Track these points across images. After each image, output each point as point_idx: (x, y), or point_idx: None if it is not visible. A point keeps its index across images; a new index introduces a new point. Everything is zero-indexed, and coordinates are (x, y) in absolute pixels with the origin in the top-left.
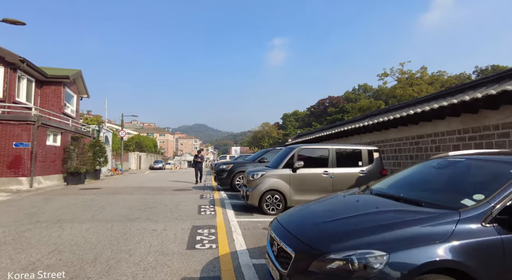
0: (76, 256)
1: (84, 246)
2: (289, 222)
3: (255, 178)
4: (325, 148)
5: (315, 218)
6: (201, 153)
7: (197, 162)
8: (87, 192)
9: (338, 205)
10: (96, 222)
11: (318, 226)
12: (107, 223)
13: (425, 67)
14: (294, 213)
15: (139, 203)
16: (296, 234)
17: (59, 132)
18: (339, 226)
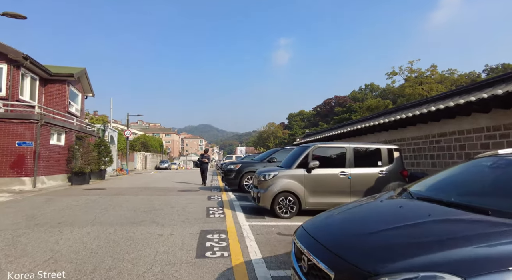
0: (74, 265)
1: (83, 253)
2: (320, 231)
3: (266, 179)
4: (342, 147)
5: (354, 227)
6: (207, 153)
7: (203, 162)
8: (91, 193)
9: (378, 212)
10: (98, 226)
11: (362, 239)
12: (110, 227)
13: (435, 65)
14: (324, 219)
15: (144, 204)
16: (333, 248)
17: (63, 131)
18: (389, 239)
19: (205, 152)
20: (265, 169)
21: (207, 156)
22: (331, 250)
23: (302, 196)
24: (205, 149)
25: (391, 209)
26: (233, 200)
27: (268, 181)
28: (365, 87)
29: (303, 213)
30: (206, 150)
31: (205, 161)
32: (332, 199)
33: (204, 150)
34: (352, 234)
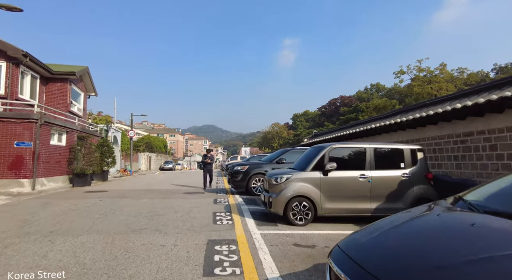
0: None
1: (74, 270)
2: (367, 256)
3: (279, 182)
4: (362, 147)
5: (418, 254)
6: (210, 153)
7: (207, 163)
8: (91, 196)
9: (444, 231)
10: (95, 234)
11: (439, 276)
12: (108, 236)
13: (444, 64)
14: (368, 239)
15: (146, 209)
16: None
17: (65, 131)
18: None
19: (207, 152)
20: (277, 172)
21: (210, 156)
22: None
23: (318, 201)
24: (207, 149)
25: (461, 228)
26: (241, 204)
27: (281, 185)
28: (371, 87)
29: (319, 220)
30: (209, 150)
31: (208, 161)
32: (350, 204)
33: (207, 150)
34: (419, 265)
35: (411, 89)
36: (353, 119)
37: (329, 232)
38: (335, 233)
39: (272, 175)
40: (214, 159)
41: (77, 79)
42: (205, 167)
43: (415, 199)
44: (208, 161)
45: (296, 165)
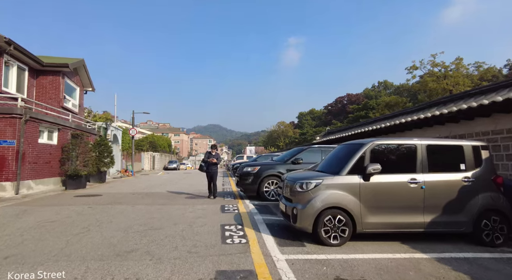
0: None
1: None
2: None
3: (305, 190)
4: (411, 144)
5: None
6: (215, 151)
7: (211, 163)
8: (80, 201)
9: None
10: (63, 262)
11: None
12: (80, 265)
13: (461, 58)
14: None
15: (140, 219)
16: None
17: (56, 129)
18: None
19: (212, 149)
20: (302, 175)
21: (215, 154)
22: None
23: (357, 214)
24: (212, 145)
25: None
26: (254, 212)
27: (308, 193)
28: (379, 84)
29: (357, 237)
30: (213, 146)
31: (213, 161)
32: (399, 217)
33: (211, 146)
34: None
35: (425, 84)
36: (363, 117)
37: (376, 256)
38: (385, 258)
39: (295, 180)
40: (220, 158)
41: (71, 72)
42: (208, 170)
43: (480, 210)
44: (213, 161)
45: (324, 167)
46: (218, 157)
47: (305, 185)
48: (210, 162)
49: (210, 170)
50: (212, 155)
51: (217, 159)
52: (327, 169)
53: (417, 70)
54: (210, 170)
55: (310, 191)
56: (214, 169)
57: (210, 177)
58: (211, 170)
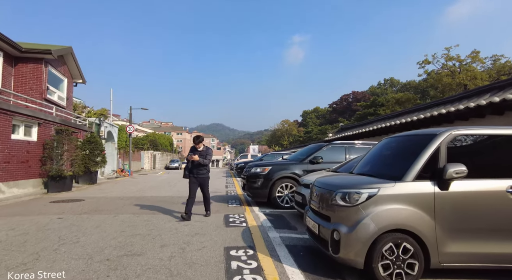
0: None
1: None
2: None
3: (353, 203)
4: (506, 135)
5: None
6: (202, 145)
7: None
8: (54, 209)
9: None
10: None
11: None
12: None
13: (477, 51)
14: None
15: (118, 238)
16: None
17: (36, 123)
18: None
19: (197, 142)
20: (343, 181)
21: (203, 150)
22: None
23: (432, 241)
24: (195, 136)
25: None
26: (267, 226)
27: (358, 209)
28: (385, 81)
29: (430, 273)
30: (197, 138)
31: (194, 158)
32: (495, 246)
33: (195, 138)
34: None
35: (439, 79)
36: (371, 114)
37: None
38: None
39: (333, 188)
40: (210, 156)
41: (57, 61)
42: (194, 174)
43: None
44: (194, 158)
45: (369, 168)
46: (207, 154)
47: (351, 196)
48: (195, 162)
49: (197, 175)
50: (197, 151)
51: (205, 157)
52: (375, 171)
53: (430, 64)
54: (196, 174)
55: (359, 206)
56: (203, 174)
57: (197, 186)
58: (198, 174)
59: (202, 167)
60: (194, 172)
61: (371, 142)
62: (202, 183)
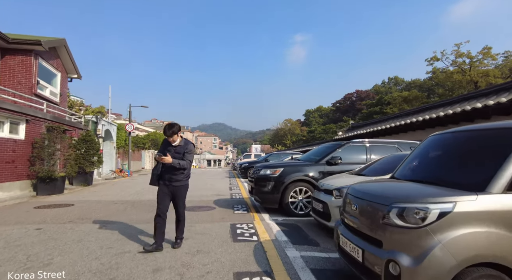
0: None
1: None
2: None
3: (419, 224)
4: None
5: None
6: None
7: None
8: (35, 216)
9: None
10: None
11: None
12: None
13: (489, 47)
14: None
15: (102, 258)
16: None
17: (23, 120)
18: None
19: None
20: (392, 189)
21: (178, 146)
22: None
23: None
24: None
25: None
26: (282, 241)
27: (426, 232)
28: (389, 80)
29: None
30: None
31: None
32: None
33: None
34: None
35: (449, 76)
36: (377, 113)
37: None
38: None
39: (385, 201)
40: (192, 154)
41: (49, 53)
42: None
43: None
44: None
45: (428, 173)
46: (187, 151)
47: (414, 213)
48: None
49: (170, 183)
50: (171, 146)
51: (182, 156)
52: (432, 177)
53: (438, 61)
54: (168, 181)
55: (428, 228)
56: (179, 181)
57: (169, 199)
58: (172, 182)
59: (178, 171)
60: (165, 177)
61: (395, 141)
62: (176, 194)
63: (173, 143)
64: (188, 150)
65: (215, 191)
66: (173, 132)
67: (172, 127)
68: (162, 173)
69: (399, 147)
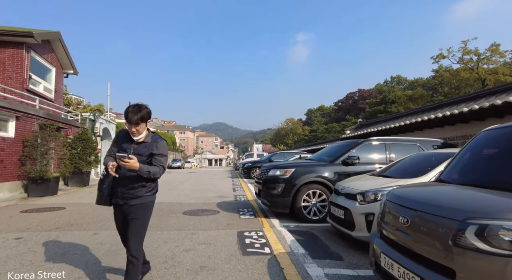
0: None
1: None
2: None
3: (510, 249)
4: None
5: None
6: (141, 129)
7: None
8: (18, 223)
9: None
10: None
11: None
12: None
13: (498, 44)
14: None
15: (87, 276)
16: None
17: (13, 116)
18: None
19: (134, 121)
20: (473, 201)
21: (144, 142)
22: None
23: None
24: (135, 107)
25: None
26: (300, 254)
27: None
28: (391, 79)
29: None
30: (135, 112)
31: (124, 162)
32: None
33: (128, 112)
34: None
35: (456, 74)
36: (381, 112)
37: None
38: None
39: (455, 215)
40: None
41: (43, 47)
42: (117, 199)
43: None
44: (125, 162)
45: (495, 176)
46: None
47: (502, 233)
48: (121, 172)
49: (125, 201)
50: (131, 142)
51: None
52: (503, 181)
53: (445, 59)
54: (122, 197)
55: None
56: (139, 197)
57: (123, 223)
58: (127, 197)
59: (140, 183)
60: (117, 193)
61: (416, 139)
62: (131, 216)
63: (135, 136)
64: (159, 151)
65: (218, 193)
66: (140, 119)
67: (140, 110)
68: (114, 185)
69: (421, 145)
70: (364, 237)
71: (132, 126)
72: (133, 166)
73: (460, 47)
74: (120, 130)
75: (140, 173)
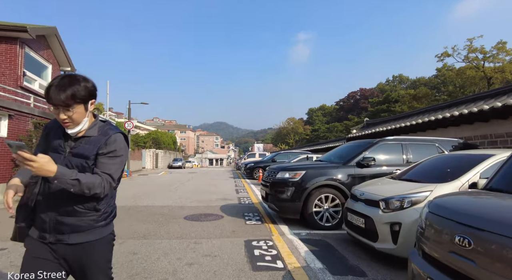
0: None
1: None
2: None
3: None
4: None
5: None
6: (85, 114)
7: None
8: (6, 229)
9: None
10: None
11: None
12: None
13: (504, 42)
14: None
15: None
16: None
17: (5, 115)
18: None
19: (60, 101)
20: None
21: (93, 137)
22: None
23: None
24: (61, 79)
25: None
26: (317, 269)
27: None
28: (393, 78)
29: None
30: (66, 83)
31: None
32: None
33: (56, 83)
34: None
35: (462, 72)
36: (385, 111)
37: None
38: None
39: None
40: (123, 152)
41: (38, 43)
42: (44, 234)
43: None
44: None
45: None
46: (108, 151)
47: None
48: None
49: (53, 238)
50: (65, 137)
51: (96, 158)
52: None
53: (449, 57)
54: (48, 234)
55: None
56: (88, 231)
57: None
58: (59, 232)
59: (81, 204)
60: (45, 220)
61: (434, 138)
62: (83, 264)
63: (70, 129)
64: (110, 147)
65: (221, 195)
66: (72, 97)
67: (70, 83)
68: (38, 208)
69: (440, 145)
70: (389, 250)
71: (59, 110)
72: (43, 170)
73: (465, 45)
74: (51, 120)
75: (60, 183)
